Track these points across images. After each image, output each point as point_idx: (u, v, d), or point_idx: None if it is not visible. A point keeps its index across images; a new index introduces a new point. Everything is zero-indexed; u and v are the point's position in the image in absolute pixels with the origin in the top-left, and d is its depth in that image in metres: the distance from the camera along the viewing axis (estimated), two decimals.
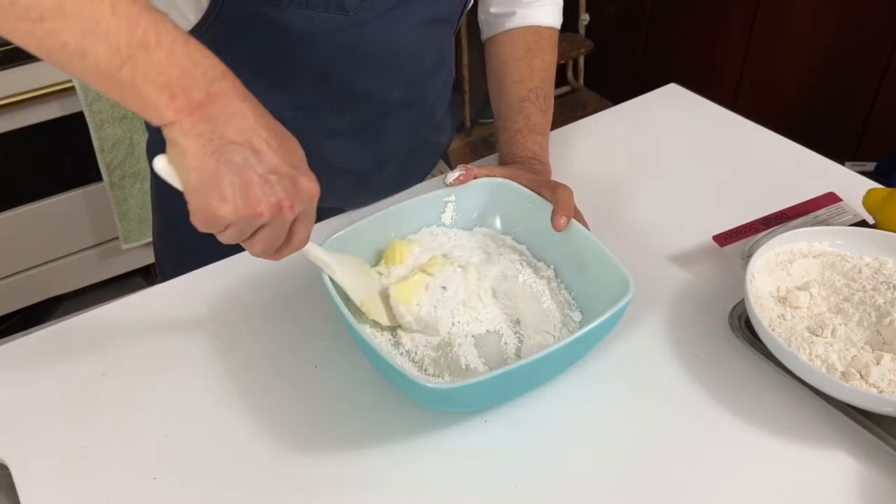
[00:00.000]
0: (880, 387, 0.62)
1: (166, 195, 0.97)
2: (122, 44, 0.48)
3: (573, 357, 0.67)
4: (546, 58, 0.92)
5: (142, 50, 0.48)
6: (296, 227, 0.56)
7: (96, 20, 0.47)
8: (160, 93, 0.49)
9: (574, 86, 2.71)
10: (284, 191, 0.52)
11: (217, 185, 0.50)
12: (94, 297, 1.96)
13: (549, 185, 0.76)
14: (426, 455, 0.63)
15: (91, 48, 0.47)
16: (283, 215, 0.53)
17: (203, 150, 0.50)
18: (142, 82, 0.49)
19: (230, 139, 0.50)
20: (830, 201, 0.85)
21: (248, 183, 0.51)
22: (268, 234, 0.54)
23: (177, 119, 0.50)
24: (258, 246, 0.55)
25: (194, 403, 0.67)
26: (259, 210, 0.51)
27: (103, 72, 0.48)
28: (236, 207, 0.50)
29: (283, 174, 0.52)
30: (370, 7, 0.75)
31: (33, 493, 0.60)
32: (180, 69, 0.49)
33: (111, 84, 0.49)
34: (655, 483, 0.61)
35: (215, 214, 0.51)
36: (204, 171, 0.50)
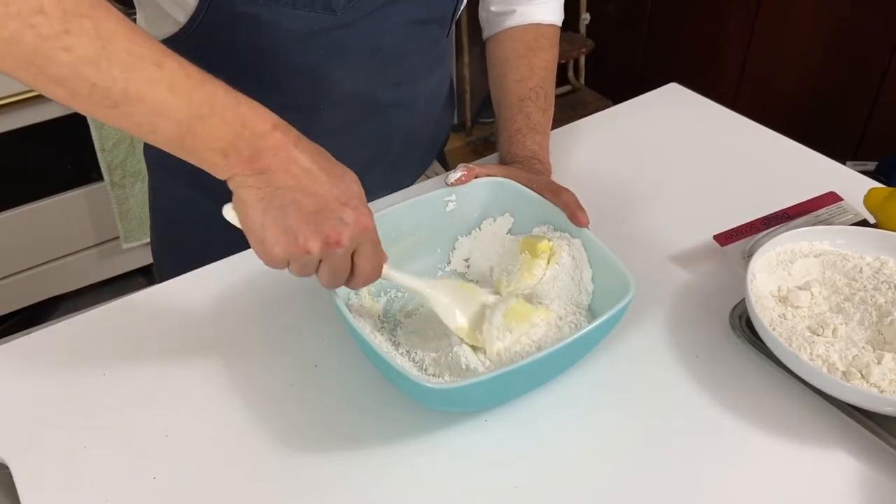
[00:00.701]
0: (881, 386, 0.62)
1: (164, 195, 0.97)
2: (182, 118, 0.53)
3: (574, 357, 0.67)
4: (547, 56, 0.92)
5: (199, 121, 0.54)
6: (357, 259, 0.59)
7: (158, 101, 0.53)
8: (217, 155, 0.55)
9: (575, 85, 2.72)
10: (331, 227, 0.56)
11: (268, 228, 0.56)
12: (94, 296, 1.96)
13: (552, 188, 0.76)
14: (426, 455, 0.63)
15: (158, 125, 0.54)
16: (332, 250, 0.57)
17: (255, 199, 0.55)
18: (202, 149, 0.55)
19: (279, 185, 0.55)
20: (831, 201, 0.85)
21: (297, 224, 0.55)
22: (327, 269, 0.58)
23: (233, 176, 0.56)
24: (324, 279, 0.59)
25: (194, 403, 0.67)
26: (307, 247, 0.56)
27: (172, 143, 0.55)
28: (286, 248, 0.56)
29: (332, 210, 0.56)
30: (358, 6, 0.75)
31: (33, 493, 0.60)
32: (232, 133, 0.55)
33: (180, 152, 0.56)
34: (656, 483, 0.61)
35: (270, 255, 0.56)
36: (256, 218, 0.56)
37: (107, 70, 0.51)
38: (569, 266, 0.72)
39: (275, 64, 0.77)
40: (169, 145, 0.55)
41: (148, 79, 0.52)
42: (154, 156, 0.95)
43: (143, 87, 0.52)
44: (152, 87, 0.52)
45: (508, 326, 0.66)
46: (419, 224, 0.77)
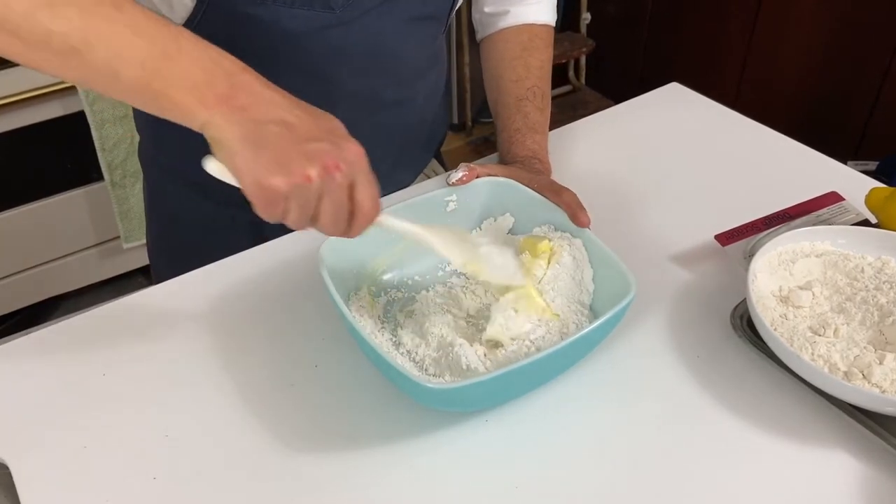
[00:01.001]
0: (883, 387, 0.62)
1: (160, 196, 0.97)
2: (145, 58, 0.51)
3: (574, 357, 0.66)
4: (542, 56, 0.92)
5: (166, 60, 0.51)
6: (356, 193, 0.55)
7: (119, 42, 0.50)
8: (189, 94, 0.52)
9: (575, 85, 2.71)
10: (326, 153, 0.53)
11: (262, 163, 0.52)
12: (94, 296, 1.96)
13: (553, 188, 0.76)
14: (426, 455, 0.63)
15: (121, 69, 0.51)
16: (332, 177, 0.53)
17: (240, 136, 0.52)
18: (172, 90, 0.52)
19: (261, 120, 0.53)
20: (832, 200, 0.84)
21: (289, 154, 0.52)
22: (329, 204, 0.54)
23: (210, 115, 0.52)
24: (327, 219, 0.55)
25: (194, 403, 0.67)
26: (307, 173, 0.52)
27: (137, 88, 0.52)
28: (285, 178, 0.51)
29: (321, 139, 0.54)
30: (356, 5, 0.75)
31: (33, 492, 0.60)
32: (202, 70, 0.52)
33: (146, 98, 0.53)
34: (657, 483, 0.61)
35: (269, 190, 0.52)
36: (246, 154, 0.52)
37: (63, 13, 0.49)
38: (570, 266, 0.72)
39: (273, 63, 0.77)
40: (133, 92, 0.52)
41: (107, 19, 0.50)
42: (150, 156, 0.95)
43: (102, 28, 0.50)
44: (112, 27, 0.50)
45: (515, 307, 0.67)
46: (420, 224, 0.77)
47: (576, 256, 0.73)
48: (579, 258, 0.72)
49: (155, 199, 0.98)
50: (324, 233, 0.57)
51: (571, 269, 0.72)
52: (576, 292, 0.72)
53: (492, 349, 0.67)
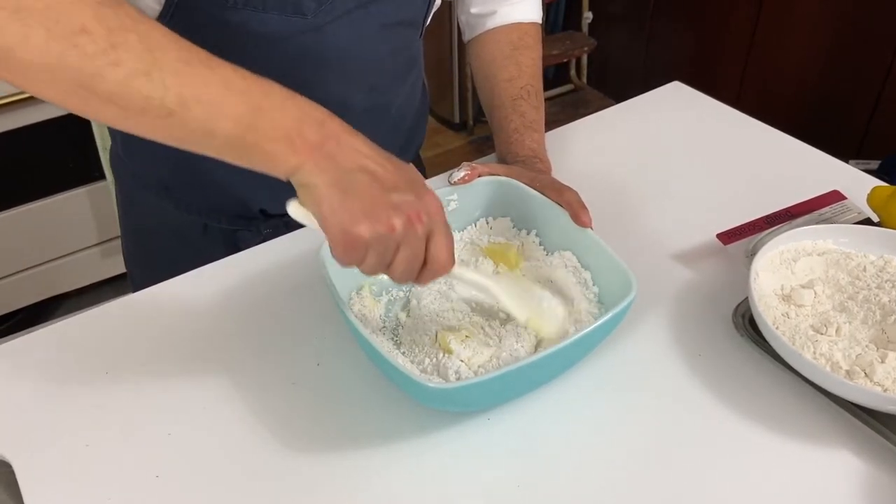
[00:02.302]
0: (885, 385, 0.62)
1: (133, 206, 0.96)
2: (241, 113, 0.52)
3: (576, 357, 0.67)
4: (533, 54, 0.92)
5: (259, 114, 0.53)
6: (430, 245, 0.57)
7: (214, 102, 0.52)
8: (282, 144, 0.53)
9: (577, 84, 2.71)
10: (410, 204, 0.55)
11: (349, 210, 0.53)
12: (96, 295, 1.96)
13: (555, 186, 0.76)
14: (428, 453, 0.63)
15: (216, 126, 0.52)
16: (414, 228, 0.55)
17: (329, 182, 0.53)
18: (264, 141, 0.53)
19: (350, 168, 0.54)
20: (834, 199, 0.84)
21: (376, 203, 0.54)
22: (405, 253, 0.55)
23: (300, 163, 0.53)
24: (400, 267, 0.56)
25: (196, 401, 0.67)
26: (391, 223, 0.53)
27: (231, 145, 0.53)
28: (370, 227, 0.53)
29: (405, 189, 0.55)
30: (328, 10, 0.74)
31: (36, 491, 0.60)
32: (293, 120, 0.54)
33: (240, 152, 0.54)
34: (658, 481, 0.61)
35: (353, 236, 0.53)
36: (333, 200, 0.53)
37: (159, 79, 0.50)
38: (570, 275, 0.73)
39: (243, 67, 0.76)
40: (228, 147, 0.54)
41: (202, 81, 0.51)
42: (121, 163, 0.94)
43: (198, 89, 0.51)
44: (207, 87, 0.52)
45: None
46: None
47: (567, 266, 0.74)
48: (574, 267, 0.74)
49: (127, 208, 0.97)
50: (392, 279, 0.58)
51: (573, 275, 0.73)
52: (578, 293, 0.72)
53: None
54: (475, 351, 0.66)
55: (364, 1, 0.76)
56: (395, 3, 0.79)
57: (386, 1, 0.78)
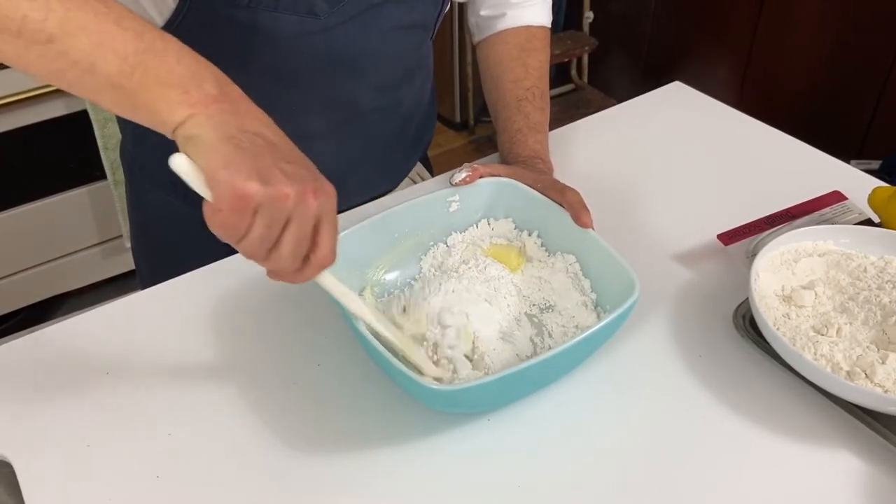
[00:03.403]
0: (885, 386, 0.62)
1: (142, 201, 0.96)
2: (129, 52, 0.48)
3: (578, 358, 0.66)
4: (540, 57, 0.92)
5: (151, 54, 0.49)
6: (319, 233, 0.52)
7: (103, 32, 0.48)
8: (173, 89, 0.49)
9: (578, 84, 2.71)
10: (305, 178, 0.50)
11: (241, 165, 0.48)
12: (98, 295, 1.96)
13: (556, 187, 0.76)
14: (429, 454, 0.63)
15: (100, 60, 0.48)
16: (306, 202, 0.50)
17: (223, 136, 0.49)
18: (153, 84, 0.49)
19: (248, 129, 0.50)
20: (835, 200, 0.84)
21: (270, 166, 0.49)
22: (295, 231, 0.50)
23: (192, 114, 0.49)
24: (287, 247, 0.51)
25: (197, 401, 0.67)
26: (285, 190, 0.48)
27: (114, 83, 0.49)
28: (261, 187, 0.48)
29: (301, 164, 0.51)
30: (341, 11, 0.74)
31: (36, 491, 0.60)
32: (189, 69, 0.50)
33: (122, 94, 0.50)
34: (659, 482, 0.61)
35: (242, 194, 0.47)
36: (226, 154, 0.48)
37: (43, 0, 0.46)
38: (569, 281, 0.73)
39: (255, 68, 0.76)
40: (110, 87, 0.49)
41: (92, 10, 0.48)
42: (130, 156, 0.94)
43: (85, 17, 0.47)
44: (96, 18, 0.48)
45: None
46: (422, 224, 0.77)
47: (568, 270, 0.74)
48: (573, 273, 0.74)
49: (136, 205, 0.97)
50: (272, 269, 0.53)
51: (573, 280, 0.73)
52: (579, 294, 0.72)
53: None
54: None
55: (376, 2, 0.76)
56: (407, 5, 0.80)
57: (398, 3, 0.78)
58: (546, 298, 0.73)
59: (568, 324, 0.71)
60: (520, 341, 0.69)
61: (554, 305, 0.72)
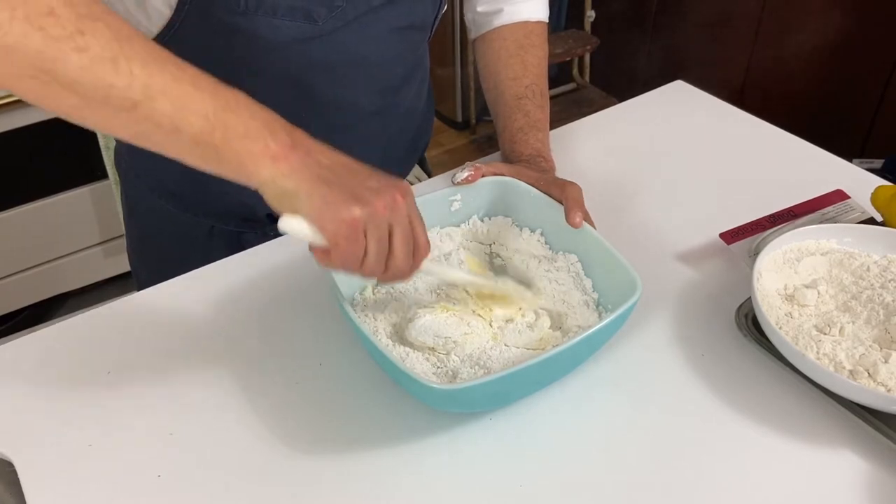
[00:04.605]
0: (888, 385, 0.62)
1: (138, 207, 0.95)
2: (209, 111, 0.52)
3: (580, 357, 0.66)
4: (539, 53, 0.91)
5: (228, 113, 0.52)
6: (415, 227, 0.58)
7: (183, 95, 0.51)
8: (254, 143, 0.53)
9: (580, 83, 2.71)
10: (387, 187, 0.56)
11: (337, 198, 0.53)
12: (99, 294, 1.96)
13: (558, 183, 0.76)
14: (430, 453, 0.63)
15: (183, 121, 0.51)
16: (399, 207, 0.56)
17: (311, 177, 0.54)
18: (236, 140, 0.52)
19: (326, 164, 0.55)
20: (838, 199, 0.84)
21: (357, 189, 0.55)
22: (400, 234, 0.56)
23: (277, 166, 0.53)
24: (400, 253, 0.57)
25: (199, 401, 0.67)
26: (380, 204, 0.54)
27: (199, 141, 0.52)
28: (363, 209, 0.54)
29: (378, 178, 0.57)
30: (339, 16, 0.74)
31: (38, 490, 0.60)
32: (263, 122, 0.54)
33: (208, 151, 0.53)
34: (662, 481, 0.60)
35: (350, 220, 0.53)
36: (324, 194, 0.53)
37: (126, 67, 0.49)
38: (571, 280, 0.73)
39: (252, 73, 0.75)
40: (195, 146, 0.52)
41: (171, 75, 0.51)
42: (126, 164, 0.93)
43: (165, 81, 0.50)
44: (175, 81, 0.51)
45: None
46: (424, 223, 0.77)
47: (570, 270, 0.74)
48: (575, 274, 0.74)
49: (132, 209, 0.97)
50: (393, 272, 0.58)
51: (573, 281, 0.73)
52: (580, 293, 0.72)
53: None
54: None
55: (374, 6, 0.76)
56: (405, 7, 0.79)
57: (395, 5, 0.78)
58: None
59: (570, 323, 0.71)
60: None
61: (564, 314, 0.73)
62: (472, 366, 0.66)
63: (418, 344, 0.67)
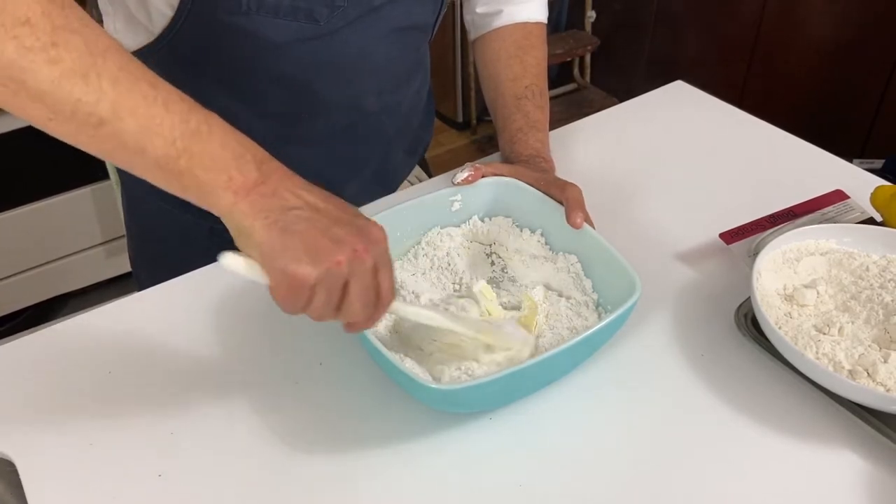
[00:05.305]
0: (887, 385, 0.62)
1: (139, 209, 0.96)
2: (177, 136, 0.50)
3: (579, 358, 0.66)
4: (538, 54, 0.92)
5: (196, 139, 0.51)
6: (380, 277, 0.55)
7: (151, 117, 0.50)
8: (218, 175, 0.51)
9: (580, 83, 2.71)
10: (353, 237, 0.53)
11: (290, 249, 0.51)
12: (101, 294, 1.96)
13: (558, 184, 0.76)
14: (430, 453, 0.63)
15: (149, 144, 0.50)
16: (361, 260, 0.52)
17: (267, 223, 0.51)
18: (199, 169, 0.51)
19: (289, 207, 0.52)
20: (838, 199, 0.84)
21: (318, 239, 0.52)
22: (357, 287, 0.53)
23: (236, 202, 0.51)
24: (356, 304, 0.53)
25: (200, 401, 0.67)
26: (337, 259, 0.51)
27: (162, 165, 0.51)
28: (316, 265, 0.51)
29: (346, 223, 0.53)
30: (341, 16, 0.74)
31: (40, 490, 0.60)
32: (232, 153, 0.52)
33: (171, 176, 0.52)
34: (661, 481, 0.61)
35: (297, 277, 0.51)
36: (273, 241, 0.51)
37: (96, 83, 0.48)
38: (571, 280, 0.73)
39: (254, 74, 0.76)
40: (157, 169, 0.51)
41: (141, 94, 0.49)
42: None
43: (135, 101, 0.49)
44: (145, 101, 0.49)
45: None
46: (424, 224, 0.77)
47: (570, 270, 0.74)
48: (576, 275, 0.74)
49: (132, 210, 0.97)
50: (347, 321, 0.55)
51: (573, 282, 0.74)
52: (580, 294, 0.72)
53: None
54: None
55: (375, 6, 0.76)
56: (406, 7, 0.79)
57: (396, 5, 0.78)
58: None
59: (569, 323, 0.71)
60: None
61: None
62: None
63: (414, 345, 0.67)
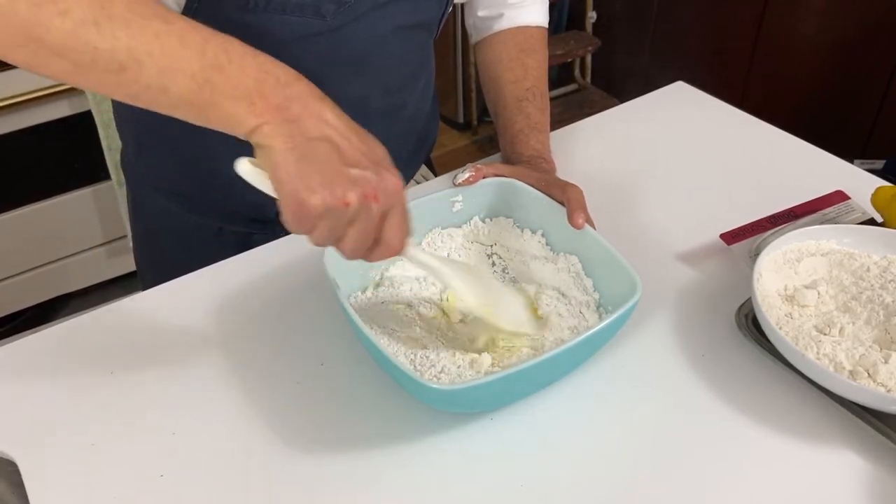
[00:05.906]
0: (888, 386, 0.62)
1: (144, 209, 0.96)
2: (196, 70, 0.51)
3: (580, 358, 0.67)
4: (539, 57, 0.92)
5: (216, 71, 0.51)
6: (385, 226, 0.55)
7: (168, 55, 0.50)
8: (240, 103, 0.51)
9: (581, 84, 2.71)
10: (368, 181, 0.53)
11: (304, 178, 0.51)
12: (102, 294, 1.96)
13: (559, 184, 0.76)
14: (431, 453, 0.63)
15: (171, 83, 0.51)
16: (369, 207, 0.53)
17: (287, 148, 0.51)
18: (222, 99, 0.51)
19: (310, 136, 0.52)
20: (838, 199, 0.84)
21: (333, 175, 0.52)
22: (357, 231, 0.54)
23: (259, 123, 0.52)
24: (349, 244, 0.54)
25: (201, 401, 0.67)
26: (346, 199, 0.51)
27: (187, 101, 0.51)
28: (324, 198, 0.51)
29: (366, 167, 0.53)
30: (347, 12, 0.74)
31: (41, 490, 0.60)
32: (254, 79, 0.52)
33: (196, 110, 0.52)
34: (662, 481, 0.61)
35: (305, 206, 0.51)
36: (290, 167, 0.51)
37: (109, 30, 0.48)
38: (572, 280, 0.74)
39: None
40: (183, 104, 0.52)
41: (154, 33, 0.50)
42: (132, 166, 0.94)
43: (150, 42, 0.49)
44: (159, 40, 0.50)
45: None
46: (425, 224, 0.78)
47: (570, 270, 0.74)
48: (576, 274, 0.74)
49: (138, 211, 0.97)
50: (341, 253, 0.56)
51: (574, 281, 0.74)
52: (581, 294, 0.72)
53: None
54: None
55: (381, 2, 0.76)
56: (412, 5, 0.80)
57: (402, 2, 0.78)
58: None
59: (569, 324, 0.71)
60: None
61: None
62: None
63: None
